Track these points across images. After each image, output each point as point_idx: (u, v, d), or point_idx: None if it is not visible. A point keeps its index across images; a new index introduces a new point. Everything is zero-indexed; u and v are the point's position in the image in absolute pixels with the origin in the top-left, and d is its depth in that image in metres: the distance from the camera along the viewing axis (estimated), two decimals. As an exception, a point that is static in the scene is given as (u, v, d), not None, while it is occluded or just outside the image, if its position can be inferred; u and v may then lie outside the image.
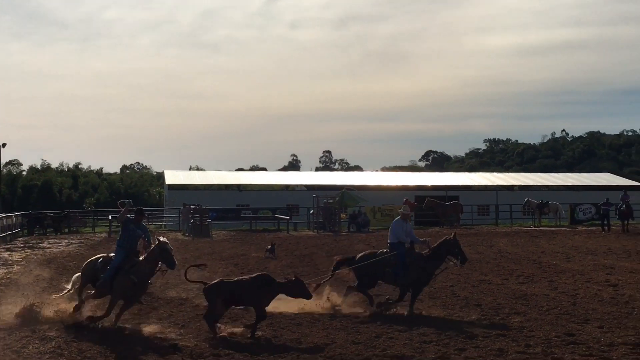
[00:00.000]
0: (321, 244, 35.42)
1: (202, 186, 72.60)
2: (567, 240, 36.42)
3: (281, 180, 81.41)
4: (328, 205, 47.26)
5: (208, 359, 11.77)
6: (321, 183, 72.30)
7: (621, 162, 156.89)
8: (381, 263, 16.44)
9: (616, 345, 12.15)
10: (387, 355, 11.75)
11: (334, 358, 11.64)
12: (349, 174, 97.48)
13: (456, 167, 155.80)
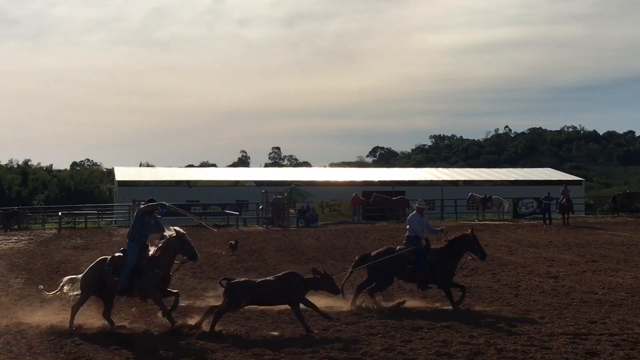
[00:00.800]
0: (270, 239, 35.63)
1: (152, 182, 72.23)
2: (510, 233, 37.13)
3: (231, 176, 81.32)
4: (277, 200, 47.44)
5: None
6: (270, 179, 72.40)
7: (562, 158, 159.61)
8: (402, 260, 16.35)
9: (556, 335, 12.58)
10: (334, 347, 12.00)
11: (282, 351, 11.88)
12: (298, 170, 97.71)
13: (403, 162, 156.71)
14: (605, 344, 11.84)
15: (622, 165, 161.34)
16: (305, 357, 11.47)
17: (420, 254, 16.25)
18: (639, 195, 57.28)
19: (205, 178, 78.14)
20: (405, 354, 11.45)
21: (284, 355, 11.58)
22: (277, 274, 14.67)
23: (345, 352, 11.64)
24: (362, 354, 11.48)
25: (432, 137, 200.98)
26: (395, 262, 16.31)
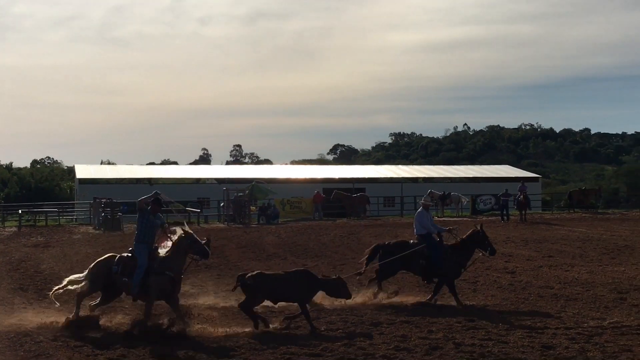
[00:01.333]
0: (231, 236, 35.66)
1: (113, 180, 71.61)
2: (468, 229, 37.44)
3: (192, 173, 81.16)
4: (238, 198, 47.40)
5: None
6: (231, 176, 72.18)
7: (519, 155, 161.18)
8: (416, 254, 16.45)
9: (513, 330, 12.81)
10: (295, 343, 12.12)
11: (242, 347, 11.99)
12: (259, 168, 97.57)
13: (363, 160, 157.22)
14: (560, 338, 12.08)
15: (578, 162, 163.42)
16: (266, 353, 11.56)
17: (437, 249, 16.46)
18: (594, 191, 58.14)
19: (167, 176, 77.77)
20: (365, 349, 11.59)
21: (244, 351, 11.67)
22: (288, 270, 14.83)
23: (305, 348, 11.77)
24: (322, 350, 11.60)
25: (392, 134, 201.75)
26: (407, 256, 16.49)
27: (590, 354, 10.93)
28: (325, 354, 11.40)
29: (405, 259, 16.49)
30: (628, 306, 15.03)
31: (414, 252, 16.49)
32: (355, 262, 19.44)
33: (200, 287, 18.49)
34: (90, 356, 11.60)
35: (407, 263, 16.58)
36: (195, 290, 17.60)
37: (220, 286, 18.41)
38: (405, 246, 16.79)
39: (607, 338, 11.98)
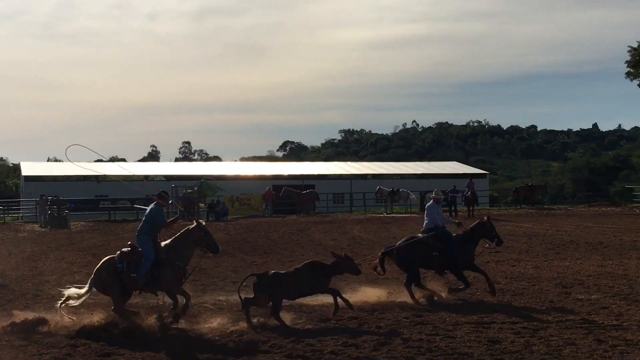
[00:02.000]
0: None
1: (60, 177, 70.75)
2: (416, 226, 37.53)
3: (140, 170, 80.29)
4: (187, 195, 47.19)
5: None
6: (180, 173, 71.94)
7: (467, 152, 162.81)
8: (429, 247, 16.38)
9: (460, 324, 12.93)
10: (242, 340, 12.13)
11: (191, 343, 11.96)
12: (208, 164, 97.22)
13: (313, 156, 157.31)
14: (507, 332, 12.23)
15: (524, 158, 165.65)
16: (215, 349, 11.53)
17: (451, 240, 16.45)
18: (540, 187, 59.04)
19: (114, 173, 77.06)
20: (313, 346, 11.61)
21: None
22: (297, 265, 14.76)
23: (254, 345, 11.76)
24: (271, 347, 11.59)
25: (341, 131, 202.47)
26: (421, 251, 16.38)
27: (535, 348, 11.08)
28: (274, 350, 11.39)
29: (419, 257, 16.38)
30: (572, 300, 15.26)
31: (427, 247, 16.39)
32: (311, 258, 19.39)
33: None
34: (35, 356, 11.43)
35: (423, 260, 16.43)
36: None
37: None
38: (417, 241, 16.63)
39: (552, 332, 12.15)
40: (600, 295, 15.79)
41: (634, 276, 18.46)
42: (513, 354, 10.76)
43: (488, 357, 10.68)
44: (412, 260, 16.30)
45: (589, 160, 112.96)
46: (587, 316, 13.41)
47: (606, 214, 46.27)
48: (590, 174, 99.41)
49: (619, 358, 10.37)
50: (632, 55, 69.52)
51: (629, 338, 11.56)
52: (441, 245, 16.35)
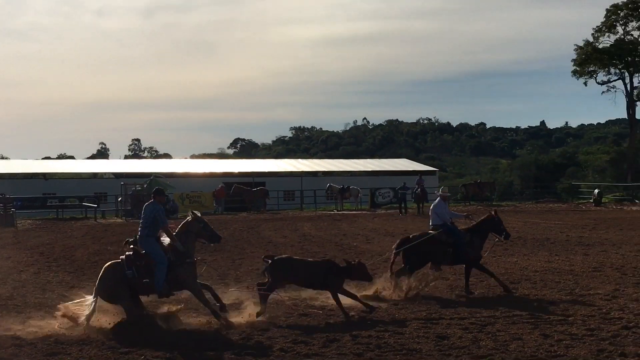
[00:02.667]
0: (129, 231, 35.03)
1: (6, 175, 69.68)
2: (367, 223, 37.97)
3: (89, 168, 79.64)
4: (136, 192, 46.82)
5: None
6: (130, 171, 71.29)
7: (417, 149, 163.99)
8: (440, 244, 16.62)
9: (409, 321, 13.02)
10: (192, 338, 12.05)
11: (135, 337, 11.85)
12: (158, 162, 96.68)
13: (264, 154, 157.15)
14: (455, 328, 12.35)
15: (474, 155, 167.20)
16: (161, 346, 11.44)
17: (458, 236, 16.65)
18: (488, 184, 59.65)
19: (63, 170, 76.28)
20: (262, 343, 11.62)
21: (137, 344, 11.55)
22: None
23: (203, 342, 11.71)
24: (221, 345, 11.56)
25: (292, 128, 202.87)
26: (433, 247, 16.62)
27: (482, 343, 11.20)
28: (222, 347, 11.35)
29: (431, 251, 16.61)
30: (519, 296, 15.46)
31: (439, 242, 16.64)
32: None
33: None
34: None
35: (434, 255, 16.67)
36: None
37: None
38: (431, 237, 16.82)
39: (499, 327, 12.30)
40: (547, 291, 16.01)
41: (580, 272, 18.75)
42: (461, 349, 10.87)
43: (436, 352, 10.77)
44: (423, 256, 16.60)
45: (536, 158, 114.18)
46: (533, 311, 13.59)
47: (553, 211, 46.95)
48: (538, 171, 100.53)
49: (564, 352, 10.52)
50: (578, 54, 70.68)
51: (574, 332, 11.75)
52: (451, 241, 16.62)
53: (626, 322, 12.39)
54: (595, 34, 70.37)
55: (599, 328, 12.04)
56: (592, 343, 11.02)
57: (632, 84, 70.23)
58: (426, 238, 16.80)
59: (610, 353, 10.39)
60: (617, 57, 69.17)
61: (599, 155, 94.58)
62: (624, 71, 70.42)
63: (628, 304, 14.08)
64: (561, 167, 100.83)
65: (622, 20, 69.39)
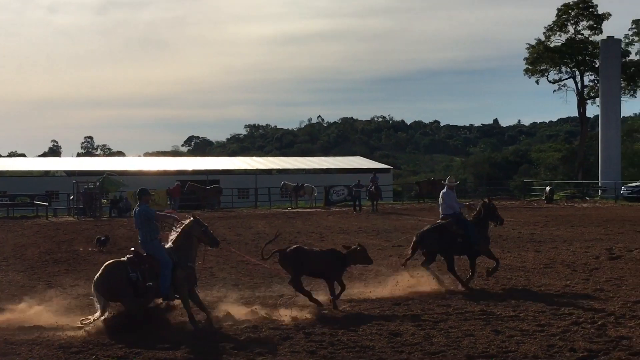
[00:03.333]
0: (81, 229, 34.80)
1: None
2: (321, 220, 38.00)
3: (40, 166, 78.83)
4: (88, 190, 46.34)
5: None
6: (82, 169, 70.64)
7: (372, 146, 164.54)
8: (452, 236, 16.67)
9: (362, 318, 13.03)
10: (152, 335, 11.96)
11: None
12: (111, 160, 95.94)
13: (218, 152, 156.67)
14: (407, 325, 12.40)
15: (428, 153, 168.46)
16: (114, 348, 11.33)
17: (469, 226, 16.81)
18: (442, 182, 59.90)
19: (13, 168, 75.30)
20: (216, 342, 11.56)
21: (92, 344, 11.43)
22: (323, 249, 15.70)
23: (146, 341, 11.63)
24: (171, 343, 11.48)
25: (247, 126, 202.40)
26: (445, 239, 16.68)
27: (435, 340, 11.27)
28: (176, 347, 11.27)
29: (443, 242, 16.69)
30: (471, 292, 15.55)
31: (451, 234, 16.72)
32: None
33: (47, 282, 18.02)
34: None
35: (446, 246, 16.71)
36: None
37: (69, 280, 18.09)
38: (443, 228, 16.90)
39: (452, 324, 12.39)
40: (499, 287, 16.16)
41: (531, 268, 18.96)
42: (413, 346, 10.92)
43: (389, 349, 10.81)
44: (436, 246, 16.71)
45: (489, 155, 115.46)
46: (485, 308, 13.71)
47: (506, 208, 47.30)
48: (491, 169, 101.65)
49: (515, 348, 10.62)
50: (530, 53, 71.44)
51: (525, 328, 11.87)
52: (462, 231, 16.77)
53: (576, 318, 12.55)
54: (546, 33, 71.17)
55: (550, 324, 12.18)
56: (542, 339, 11.14)
57: (582, 83, 71.22)
58: (438, 227, 17.00)
59: (560, 348, 10.51)
60: (568, 56, 70.02)
61: (550, 153, 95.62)
62: (574, 70, 71.33)
63: (578, 300, 14.26)
64: (514, 164, 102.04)
65: (573, 19, 70.25)
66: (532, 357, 10.16)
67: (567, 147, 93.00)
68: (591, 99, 71.28)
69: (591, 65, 69.61)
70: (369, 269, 17.47)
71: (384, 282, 16.70)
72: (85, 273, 19.56)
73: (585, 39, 70.17)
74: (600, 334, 11.34)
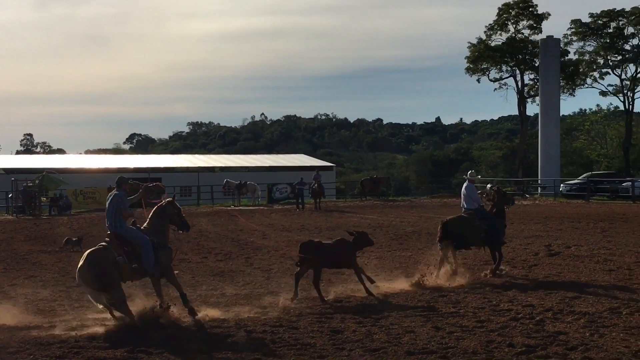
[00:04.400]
0: (20, 228, 34.27)
1: None
2: (264, 218, 37.95)
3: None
4: (27, 188, 45.63)
5: None
6: (21, 166, 69.52)
7: (315, 144, 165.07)
8: (476, 229, 17.32)
9: (304, 316, 13.01)
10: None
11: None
12: (51, 157, 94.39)
13: (160, 149, 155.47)
14: (349, 322, 12.40)
15: (371, 151, 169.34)
16: (52, 347, 11.15)
17: (491, 219, 17.57)
18: (384, 179, 60.41)
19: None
20: (149, 341, 11.45)
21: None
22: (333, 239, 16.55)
23: (87, 340, 11.48)
24: (112, 343, 11.34)
25: (189, 124, 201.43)
26: (470, 232, 17.34)
27: (376, 337, 11.30)
28: (113, 346, 11.13)
29: (467, 235, 17.32)
30: (413, 289, 15.63)
31: (475, 227, 17.36)
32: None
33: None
34: None
35: (474, 238, 17.43)
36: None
37: (7, 280, 17.79)
38: (465, 220, 17.56)
39: (393, 320, 12.43)
40: (440, 284, 16.27)
41: (472, 265, 19.13)
42: (354, 343, 10.94)
43: (330, 346, 10.80)
44: (461, 237, 17.32)
45: (432, 153, 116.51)
46: (426, 304, 13.80)
47: (448, 205, 47.82)
48: (434, 166, 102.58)
49: (455, 344, 10.70)
50: (471, 52, 72.21)
51: (465, 324, 11.98)
52: (484, 224, 17.43)
53: (515, 314, 12.70)
54: (487, 32, 72.00)
55: (489, 320, 12.30)
56: (481, 334, 11.25)
57: (522, 82, 72.18)
58: (463, 220, 17.64)
59: (498, 344, 10.62)
60: (508, 55, 70.90)
61: (492, 151, 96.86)
62: (515, 69, 72.25)
63: (517, 296, 14.43)
64: (456, 162, 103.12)
65: (514, 19, 71.17)
66: (472, 352, 10.24)
67: (507, 145, 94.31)
68: (531, 97, 72.34)
69: (531, 64, 70.61)
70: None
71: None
72: (23, 272, 19.30)
73: (526, 38, 71.17)
74: (538, 329, 11.49)
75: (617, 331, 11.22)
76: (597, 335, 10.96)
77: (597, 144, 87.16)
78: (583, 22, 70.82)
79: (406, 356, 10.18)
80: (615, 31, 70.14)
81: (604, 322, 11.89)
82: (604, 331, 11.24)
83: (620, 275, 16.79)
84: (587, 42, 71.68)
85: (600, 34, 70.61)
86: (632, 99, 71.46)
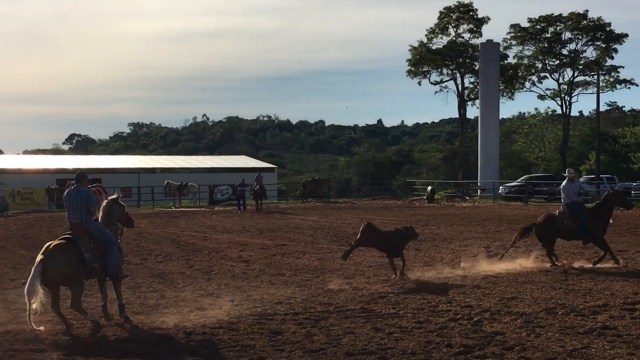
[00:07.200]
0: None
1: None
2: (205, 219, 37.78)
3: None
4: (-38, 189, 44.83)
5: None
6: (-43, 167, 68.23)
7: (257, 146, 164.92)
8: (565, 223, 18.86)
9: (244, 317, 12.96)
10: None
11: None
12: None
13: (101, 150, 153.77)
14: (289, 323, 12.41)
15: (313, 153, 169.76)
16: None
17: (581, 215, 18.86)
18: (325, 181, 60.65)
19: None
20: (92, 342, 11.32)
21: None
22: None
23: (26, 342, 11.31)
24: (52, 344, 11.19)
25: (130, 124, 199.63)
26: (558, 227, 18.91)
27: (316, 338, 11.32)
28: (49, 349, 10.98)
29: (557, 229, 18.90)
30: (353, 290, 15.71)
31: (563, 222, 18.90)
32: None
33: None
34: None
35: (561, 231, 18.99)
36: None
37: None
38: (553, 219, 19.07)
39: (333, 322, 12.47)
40: (379, 286, 16.36)
41: (412, 266, 19.23)
42: (294, 344, 10.95)
43: (270, 348, 10.80)
44: (554, 234, 19.00)
45: (374, 155, 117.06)
46: (366, 305, 13.85)
47: (388, 207, 48.17)
48: (375, 168, 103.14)
49: (394, 345, 10.77)
50: (412, 54, 72.86)
51: (404, 325, 12.06)
52: (574, 225, 18.80)
53: (453, 315, 12.83)
54: (428, 35, 72.77)
55: (428, 320, 12.41)
56: (420, 335, 11.35)
57: (463, 85, 73.14)
58: (552, 218, 19.14)
59: (437, 344, 10.72)
60: (449, 58, 71.77)
61: (432, 154, 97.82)
62: (455, 72, 73.14)
63: (455, 297, 14.58)
64: (397, 164, 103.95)
65: (454, 22, 72.07)
66: (410, 353, 10.32)
67: (448, 148, 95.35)
68: (471, 100, 73.33)
69: (471, 67, 71.55)
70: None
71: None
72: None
73: (466, 42, 72.11)
74: (476, 330, 11.62)
75: (553, 331, 11.41)
76: (534, 335, 11.13)
77: (536, 147, 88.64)
78: (522, 26, 72.08)
79: (345, 357, 10.23)
80: (553, 36, 71.55)
81: (540, 322, 12.08)
82: (540, 331, 11.42)
83: (557, 276, 17.07)
84: (525, 47, 73.08)
85: (539, 38, 71.95)
86: (569, 103, 73.00)
